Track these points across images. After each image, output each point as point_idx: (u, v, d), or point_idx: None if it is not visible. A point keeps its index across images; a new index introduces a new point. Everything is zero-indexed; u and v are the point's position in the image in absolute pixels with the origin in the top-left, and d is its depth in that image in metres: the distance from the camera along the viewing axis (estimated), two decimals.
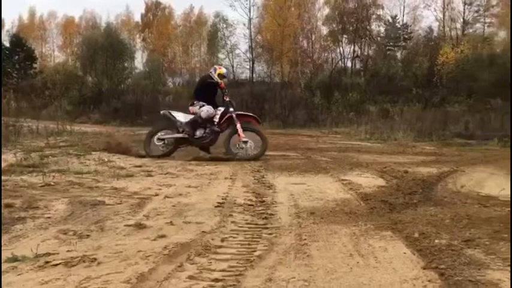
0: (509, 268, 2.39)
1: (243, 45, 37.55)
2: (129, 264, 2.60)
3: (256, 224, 3.76)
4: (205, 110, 8.35)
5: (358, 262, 2.64)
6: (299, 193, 5.18)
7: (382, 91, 32.38)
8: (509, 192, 5.20)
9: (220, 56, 37.78)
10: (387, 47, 37.33)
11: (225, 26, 37.18)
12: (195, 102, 8.50)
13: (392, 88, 32.37)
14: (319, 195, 5.09)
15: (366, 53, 37.92)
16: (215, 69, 8.76)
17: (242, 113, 8.79)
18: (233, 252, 2.89)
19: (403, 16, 36.85)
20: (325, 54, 38.64)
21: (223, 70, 8.88)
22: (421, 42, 36.49)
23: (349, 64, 38.76)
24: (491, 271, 2.35)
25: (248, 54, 37.00)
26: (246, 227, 3.64)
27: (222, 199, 4.73)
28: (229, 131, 8.44)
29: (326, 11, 37.97)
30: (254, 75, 36.96)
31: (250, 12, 36.13)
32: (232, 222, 3.79)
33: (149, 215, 3.97)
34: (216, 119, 8.42)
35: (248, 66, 37.26)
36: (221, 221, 3.79)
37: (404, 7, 36.28)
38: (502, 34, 35.17)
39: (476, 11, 34.49)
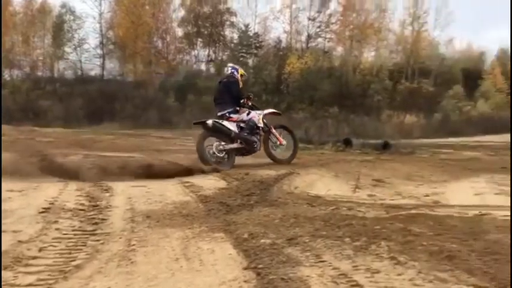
0: (319, 264, 2.58)
1: (93, 40, 35.45)
2: None
3: (84, 231, 3.50)
4: (256, 116, 7.85)
5: (181, 266, 2.61)
6: (138, 196, 4.99)
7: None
8: (334, 192, 5.75)
9: (67, 49, 35.11)
10: (240, 54, 38.73)
11: (72, 18, 34.65)
12: (238, 108, 7.85)
13: (245, 93, 33.59)
14: (158, 198, 4.97)
15: (220, 58, 38.82)
16: (236, 69, 8.19)
17: (269, 111, 8.39)
18: (48, 264, 2.63)
19: (255, 25, 38.63)
20: (180, 56, 38.56)
21: (242, 70, 8.32)
22: (271, 52, 38.65)
23: (203, 67, 39.28)
24: (303, 268, 2.51)
25: (98, 50, 35.05)
26: (71, 234, 3.36)
27: (50, 204, 4.31)
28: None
29: (182, 12, 37.94)
30: (105, 72, 35.12)
31: (101, 5, 34.35)
32: (56, 229, 3.47)
33: None
34: (261, 124, 7.91)
35: (98, 63, 35.29)
36: (43, 229, 3.44)
37: (256, 16, 38.03)
38: (340, 49, 39.20)
39: (319, 27, 37.79)
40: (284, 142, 8.16)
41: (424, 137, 24.51)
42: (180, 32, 38.35)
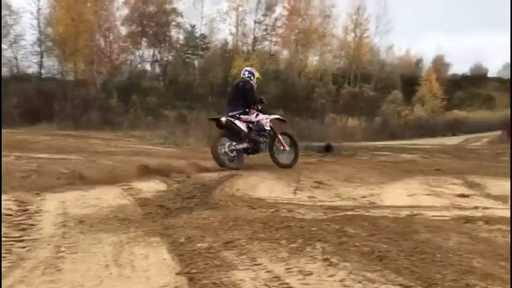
0: (253, 267, 2.57)
1: (30, 37, 33.77)
2: None
3: (9, 237, 3.30)
4: (264, 120, 8.09)
5: (111, 273, 2.51)
6: (71, 200, 4.77)
7: (180, 97, 33.11)
8: (275, 194, 5.79)
9: (2, 46, 33.21)
10: (186, 55, 38.37)
11: (8, 13, 32.83)
12: (247, 110, 8.02)
13: (190, 94, 33.37)
14: (94, 201, 4.78)
15: (165, 58, 38.27)
16: (253, 74, 8.33)
17: (275, 117, 8.61)
18: None
19: (202, 26, 38.41)
20: (124, 56, 37.62)
21: (258, 74, 8.50)
22: (218, 53, 38.59)
23: (148, 68, 38.56)
24: (237, 272, 2.49)
25: (36, 47, 33.47)
26: None
27: None
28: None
29: (125, 11, 37.02)
30: (43, 70, 33.59)
31: (39, 1, 32.86)
32: None
33: None
34: (268, 127, 8.13)
35: (36, 60, 33.68)
36: None
37: (202, 18, 37.83)
38: (285, 53, 39.82)
39: (265, 30, 38.18)
40: (287, 148, 8.49)
41: (365, 139, 25.33)
42: (124, 30, 37.46)
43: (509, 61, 37.66)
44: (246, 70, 8.56)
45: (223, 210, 4.65)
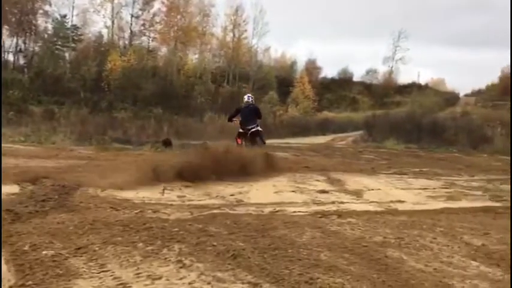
0: (100, 274, 2.41)
1: None
2: None
3: None
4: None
5: None
6: None
7: (48, 91, 30.62)
8: (143, 195, 5.58)
9: None
10: (55, 46, 35.53)
11: None
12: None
13: (59, 89, 31.03)
14: None
15: (31, 49, 35.02)
16: (252, 98, 10.84)
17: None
18: None
19: (73, 17, 35.88)
20: None
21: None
22: (91, 46, 36.43)
23: (11, 58, 34.94)
24: (80, 280, 2.31)
25: None
26: None
27: None
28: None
29: None
30: None
31: None
32: None
33: None
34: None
35: None
36: None
37: (73, 7, 35.35)
38: (164, 50, 39.06)
39: (143, 25, 37.00)
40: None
41: None
42: None
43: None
44: (248, 95, 11.01)
45: (83, 213, 4.34)
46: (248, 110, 10.19)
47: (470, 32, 71.97)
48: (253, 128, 9.89)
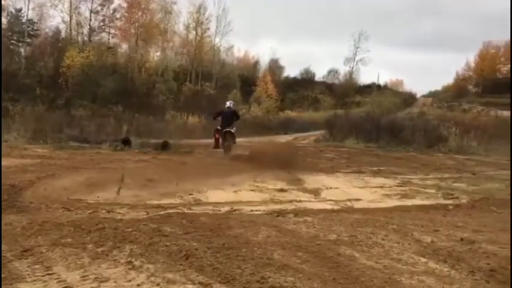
0: (45, 277, 2.32)
1: None
2: None
3: None
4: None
5: None
6: None
7: (2, 87, 29.40)
8: (98, 194, 5.44)
9: None
10: (11, 41, 34.15)
11: None
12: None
13: (14, 85, 29.86)
14: None
15: None
16: (232, 103, 12.98)
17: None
18: None
19: (29, 11, 34.58)
20: None
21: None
22: (48, 42, 35.22)
23: None
24: (23, 284, 2.22)
25: None
26: None
27: None
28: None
29: None
30: None
31: None
32: None
33: None
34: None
35: None
36: None
37: (29, 1, 34.07)
38: (125, 46, 38.23)
39: (102, 21, 36.09)
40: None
41: (205, 137, 25.71)
42: None
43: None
44: (230, 102, 12.93)
45: (33, 213, 4.21)
46: (228, 113, 12.01)
47: (424, 35, 74.17)
48: (228, 129, 11.66)
